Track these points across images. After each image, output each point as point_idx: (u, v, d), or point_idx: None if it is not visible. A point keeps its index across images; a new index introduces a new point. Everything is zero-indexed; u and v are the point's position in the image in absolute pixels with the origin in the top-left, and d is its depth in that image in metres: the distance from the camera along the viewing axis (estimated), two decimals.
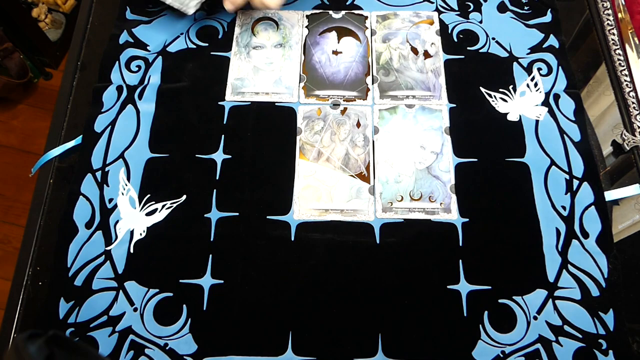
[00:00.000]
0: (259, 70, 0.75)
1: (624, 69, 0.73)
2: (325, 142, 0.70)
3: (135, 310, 0.61)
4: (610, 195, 0.66)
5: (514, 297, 0.61)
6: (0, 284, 1.37)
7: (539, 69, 0.74)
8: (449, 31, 0.77)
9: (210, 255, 0.63)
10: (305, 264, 0.63)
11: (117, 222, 0.65)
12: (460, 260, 0.62)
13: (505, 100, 0.72)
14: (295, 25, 0.78)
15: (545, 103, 0.71)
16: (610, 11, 0.77)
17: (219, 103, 0.73)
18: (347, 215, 0.65)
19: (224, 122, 0.71)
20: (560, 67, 0.74)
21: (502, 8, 0.79)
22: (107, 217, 0.66)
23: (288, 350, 0.59)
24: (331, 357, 0.59)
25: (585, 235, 0.63)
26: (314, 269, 0.63)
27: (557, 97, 0.72)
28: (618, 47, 0.75)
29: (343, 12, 0.79)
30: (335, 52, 0.76)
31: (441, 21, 0.78)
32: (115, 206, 0.66)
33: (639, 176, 0.67)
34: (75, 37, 0.80)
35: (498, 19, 0.78)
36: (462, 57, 0.75)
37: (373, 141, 0.70)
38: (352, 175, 0.68)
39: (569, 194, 0.66)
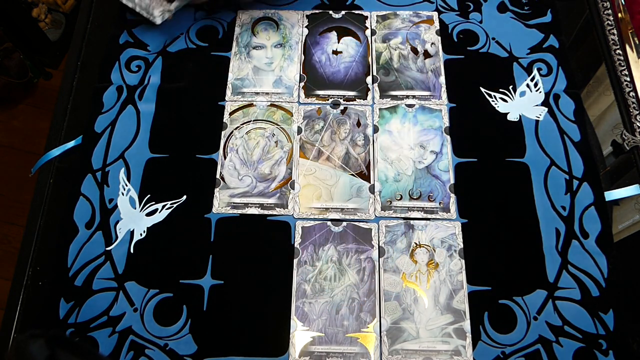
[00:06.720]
0: (259, 70, 0.75)
1: (624, 69, 0.73)
2: (326, 141, 0.70)
3: (135, 310, 0.61)
4: (610, 195, 0.66)
5: (514, 298, 0.61)
6: (0, 284, 1.37)
7: (539, 69, 0.73)
8: (449, 31, 0.77)
9: (211, 256, 0.63)
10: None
11: (117, 222, 0.65)
12: (462, 261, 0.62)
13: (505, 100, 0.72)
14: (295, 25, 0.78)
15: (545, 103, 0.71)
16: (610, 11, 0.77)
17: (219, 103, 0.73)
18: (347, 214, 0.65)
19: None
20: (560, 67, 0.74)
21: (502, 8, 0.79)
22: (107, 217, 0.66)
23: (288, 350, 0.59)
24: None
25: (585, 235, 0.63)
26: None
27: (557, 97, 0.72)
28: (618, 47, 0.74)
29: (343, 12, 0.79)
30: (335, 52, 0.76)
31: (441, 21, 0.78)
32: (116, 206, 0.66)
33: (639, 176, 0.67)
34: (75, 37, 0.80)
35: (498, 19, 0.78)
36: (462, 57, 0.75)
37: (373, 140, 0.70)
38: (352, 174, 0.68)
39: (568, 194, 0.66)
